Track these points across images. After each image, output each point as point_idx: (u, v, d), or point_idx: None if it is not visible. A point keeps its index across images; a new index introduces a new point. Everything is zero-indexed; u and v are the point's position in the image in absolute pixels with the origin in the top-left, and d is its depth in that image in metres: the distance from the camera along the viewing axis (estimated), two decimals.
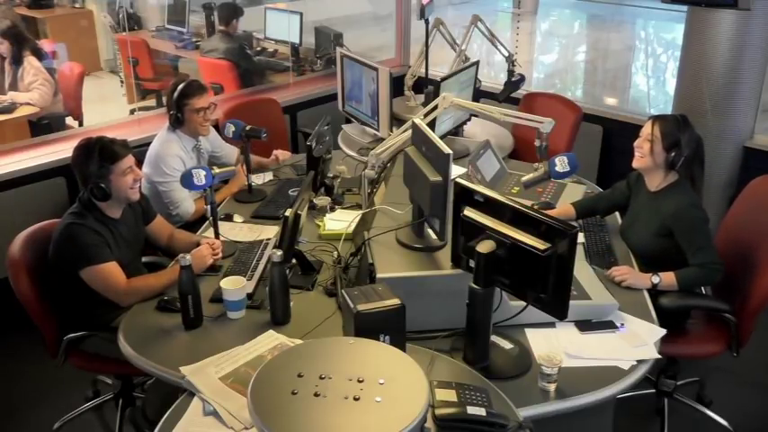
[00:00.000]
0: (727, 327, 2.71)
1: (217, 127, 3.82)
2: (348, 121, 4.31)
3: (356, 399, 1.51)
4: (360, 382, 1.55)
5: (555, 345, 2.28)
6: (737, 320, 2.69)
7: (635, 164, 2.79)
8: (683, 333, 2.78)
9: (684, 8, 4.07)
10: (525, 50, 9.09)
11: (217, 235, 2.93)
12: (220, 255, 2.80)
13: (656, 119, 2.75)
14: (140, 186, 2.80)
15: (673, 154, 2.67)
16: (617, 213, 3.16)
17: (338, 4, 7.93)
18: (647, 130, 2.75)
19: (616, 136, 4.68)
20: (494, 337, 2.23)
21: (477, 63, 3.91)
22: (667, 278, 2.63)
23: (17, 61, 4.72)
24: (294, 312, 2.45)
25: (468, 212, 2.15)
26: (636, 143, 2.78)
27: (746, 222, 2.91)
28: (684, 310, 2.76)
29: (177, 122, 3.38)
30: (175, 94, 3.34)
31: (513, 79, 4.22)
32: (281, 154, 3.73)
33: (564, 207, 3.06)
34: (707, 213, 2.69)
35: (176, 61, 6.64)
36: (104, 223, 2.68)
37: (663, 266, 2.66)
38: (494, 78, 6.19)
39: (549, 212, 2.95)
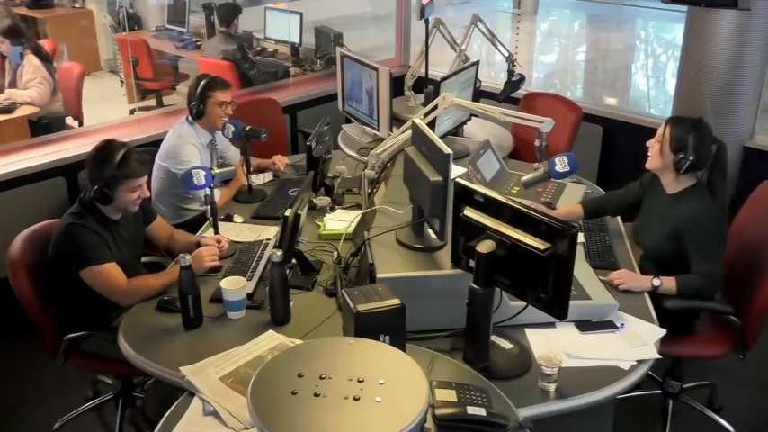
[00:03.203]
0: (734, 328, 2.71)
1: None
2: (348, 121, 4.31)
3: (356, 399, 1.51)
4: (360, 382, 1.55)
5: (555, 345, 2.28)
6: (744, 323, 2.68)
7: (646, 164, 2.80)
8: (691, 334, 2.79)
9: (684, 8, 4.07)
10: (525, 50, 9.09)
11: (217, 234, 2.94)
12: (225, 249, 2.81)
13: (671, 120, 2.75)
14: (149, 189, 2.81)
15: (680, 156, 2.66)
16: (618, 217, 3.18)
17: (338, 4, 7.93)
18: (660, 131, 2.75)
19: (616, 136, 4.68)
20: (494, 337, 2.23)
21: (477, 63, 3.91)
22: (668, 282, 2.62)
23: (17, 60, 4.73)
24: (294, 312, 2.45)
25: (468, 212, 2.15)
26: (648, 143, 2.79)
27: (754, 225, 2.90)
28: (692, 312, 2.76)
29: (198, 115, 3.41)
30: (200, 87, 3.40)
31: (513, 79, 4.22)
32: (280, 160, 3.73)
33: (572, 206, 3.05)
34: (722, 223, 2.68)
35: (176, 61, 6.64)
36: (104, 224, 2.68)
37: (673, 269, 2.65)
38: (494, 78, 6.19)
39: (557, 212, 2.96)
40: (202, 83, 3.42)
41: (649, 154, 2.78)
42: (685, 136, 2.65)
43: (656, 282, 2.62)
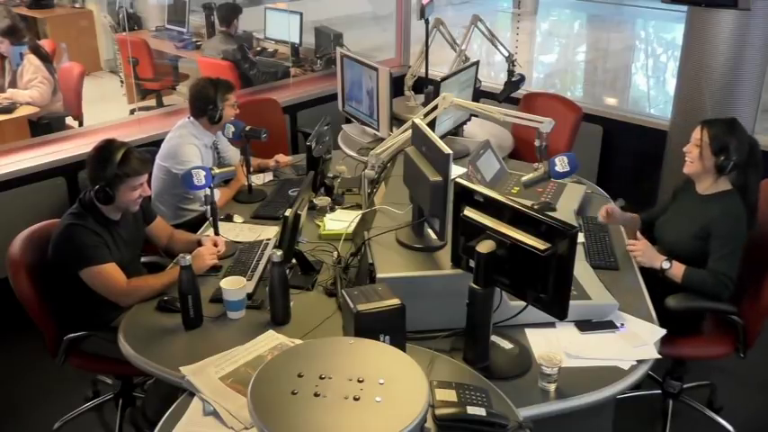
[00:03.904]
0: (735, 328, 2.70)
1: None
2: (348, 121, 4.31)
3: (356, 399, 1.51)
4: (360, 382, 1.55)
5: (555, 345, 2.28)
6: (745, 322, 2.68)
7: (685, 169, 2.79)
8: (698, 334, 2.79)
9: (684, 8, 4.07)
10: (525, 50, 9.09)
11: (217, 235, 2.94)
12: (221, 251, 2.80)
13: (705, 123, 2.74)
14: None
15: (722, 158, 2.65)
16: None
17: (338, 4, 7.93)
18: (696, 135, 2.74)
19: (616, 136, 4.68)
20: (494, 337, 2.23)
21: (477, 63, 3.91)
22: (676, 269, 2.64)
23: (18, 60, 4.73)
24: (294, 312, 2.45)
25: (468, 212, 2.15)
26: (685, 148, 2.78)
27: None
28: (699, 312, 2.76)
29: (219, 118, 3.43)
30: (214, 92, 3.41)
31: (513, 79, 4.22)
32: (283, 159, 3.74)
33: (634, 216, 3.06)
34: (747, 234, 2.68)
35: (176, 61, 6.64)
36: (104, 224, 2.68)
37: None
38: (494, 78, 6.19)
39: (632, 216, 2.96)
40: (216, 87, 3.42)
41: (687, 159, 2.76)
42: (724, 137, 2.66)
43: (666, 264, 2.64)
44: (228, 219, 3.19)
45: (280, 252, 2.37)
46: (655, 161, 4.26)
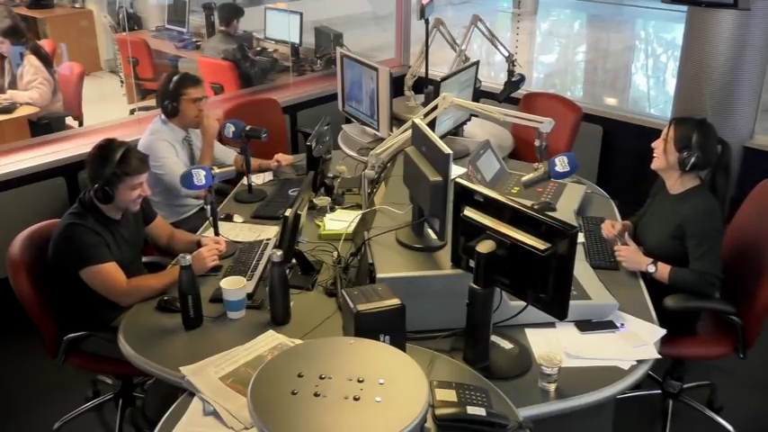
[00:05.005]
0: (734, 328, 2.70)
1: None
2: (348, 121, 4.31)
3: (356, 399, 1.51)
4: (360, 382, 1.55)
5: (555, 345, 2.28)
6: (744, 322, 2.68)
7: (652, 165, 2.81)
8: (693, 334, 2.79)
9: (684, 8, 4.07)
10: (525, 50, 9.09)
11: (217, 235, 2.94)
12: (222, 250, 2.80)
13: (675, 120, 2.77)
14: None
15: (684, 154, 2.67)
16: (618, 216, 3.20)
17: (338, 4, 7.93)
18: (665, 131, 2.77)
19: (616, 136, 4.68)
20: (494, 337, 2.23)
21: (477, 63, 3.91)
22: (663, 270, 2.64)
23: (18, 60, 4.73)
24: (294, 312, 2.45)
25: (468, 212, 2.15)
26: (653, 144, 2.81)
27: (754, 224, 2.90)
28: (693, 312, 2.76)
29: (173, 112, 3.43)
30: (171, 85, 3.41)
31: (513, 79, 4.22)
32: (284, 159, 3.74)
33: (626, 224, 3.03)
34: (723, 226, 2.68)
35: (176, 61, 6.64)
36: (104, 224, 2.68)
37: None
38: (494, 78, 6.20)
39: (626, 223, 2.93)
40: (174, 80, 3.43)
41: (654, 155, 2.79)
42: (689, 134, 2.67)
43: (651, 268, 2.65)
44: (228, 219, 3.19)
45: (280, 252, 2.36)
46: None
